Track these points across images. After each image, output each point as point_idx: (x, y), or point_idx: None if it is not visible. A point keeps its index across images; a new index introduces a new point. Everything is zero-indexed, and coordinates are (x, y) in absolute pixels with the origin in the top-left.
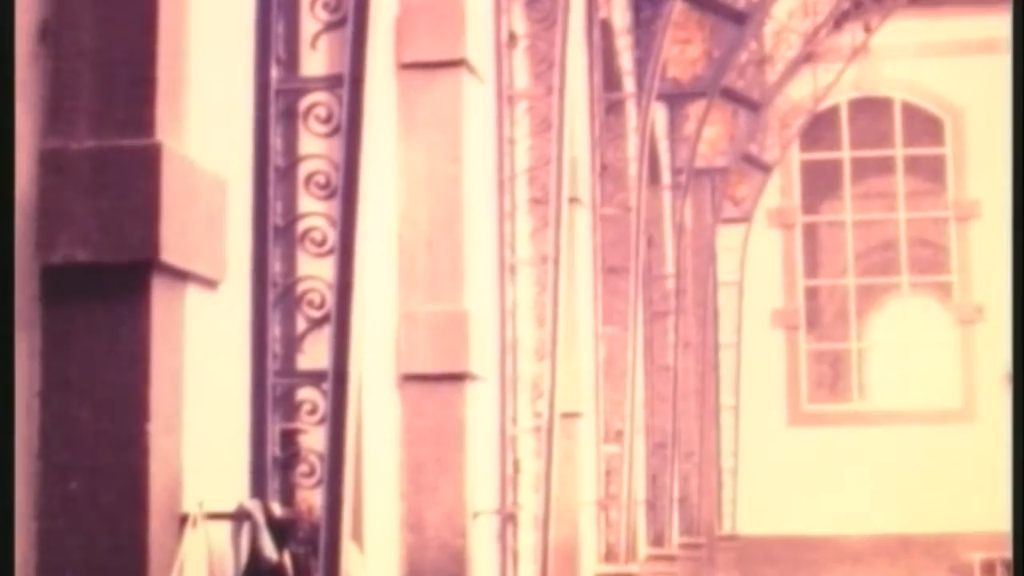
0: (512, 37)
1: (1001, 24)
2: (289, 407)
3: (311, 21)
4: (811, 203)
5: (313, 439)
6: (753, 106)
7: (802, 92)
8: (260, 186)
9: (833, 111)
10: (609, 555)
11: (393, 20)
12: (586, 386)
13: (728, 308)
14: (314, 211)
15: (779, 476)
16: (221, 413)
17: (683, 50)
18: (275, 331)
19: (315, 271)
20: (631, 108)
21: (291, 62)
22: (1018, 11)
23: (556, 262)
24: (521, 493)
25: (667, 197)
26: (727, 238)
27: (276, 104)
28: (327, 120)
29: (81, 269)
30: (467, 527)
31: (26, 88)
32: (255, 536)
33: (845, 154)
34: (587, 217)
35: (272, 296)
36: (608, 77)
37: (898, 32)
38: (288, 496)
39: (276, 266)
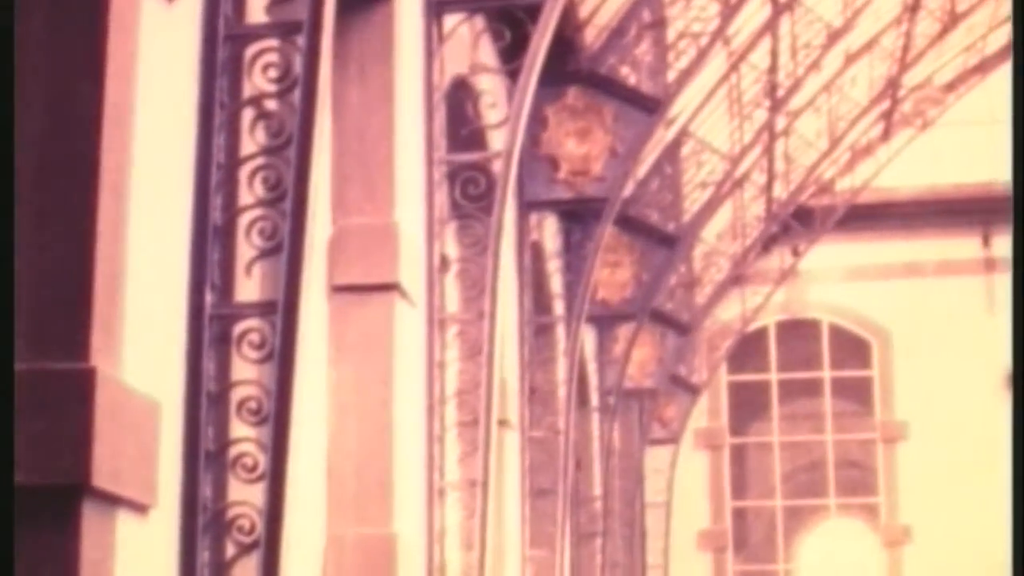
0: (444, 261)
1: (926, 248)
2: None
3: (246, 247)
4: (739, 424)
5: None
6: (682, 328)
7: (731, 314)
8: (192, 411)
9: (761, 333)
10: None
11: (326, 243)
12: None
13: (656, 529)
14: (245, 437)
15: None
16: None
17: (613, 273)
18: (204, 557)
19: (245, 496)
20: (560, 331)
21: (226, 288)
22: (1018, 11)
23: (485, 486)
24: None
25: (596, 419)
26: (655, 459)
27: (210, 329)
28: (260, 346)
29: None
30: None
31: None
32: None
33: (773, 376)
34: (516, 440)
35: (202, 521)
36: (538, 300)
37: (826, 256)
38: None
39: (207, 491)
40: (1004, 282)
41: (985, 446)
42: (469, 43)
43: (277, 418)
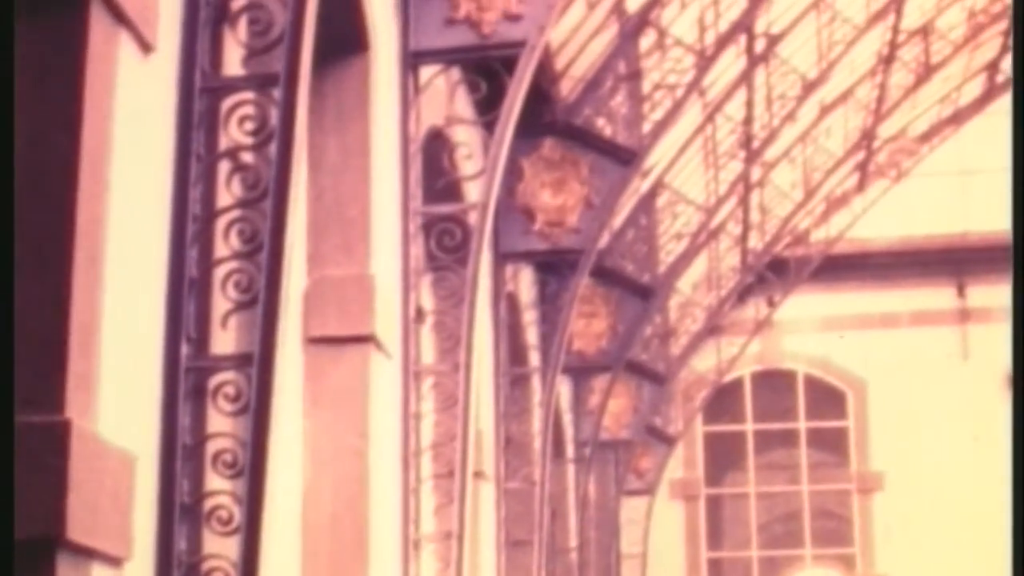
0: (420, 313)
1: (900, 299)
2: None
3: (222, 300)
4: (714, 475)
5: None
6: (657, 379)
7: (706, 365)
8: (167, 464)
9: (737, 384)
10: None
11: (301, 294)
12: None
13: None
14: (221, 489)
15: None
16: None
17: (588, 324)
18: None
19: (220, 550)
20: (536, 382)
21: (201, 340)
22: (1018, 11)
23: (460, 538)
24: None
25: (571, 470)
26: (630, 510)
27: (185, 382)
28: (236, 399)
29: None
30: None
31: None
32: None
33: (748, 426)
34: (491, 491)
35: (177, 575)
36: (514, 351)
37: (801, 306)
38: None
39: (181, 544)
40: (979, 332)
41: (961, 496)
42: (445, 95)
43: (252, 471)
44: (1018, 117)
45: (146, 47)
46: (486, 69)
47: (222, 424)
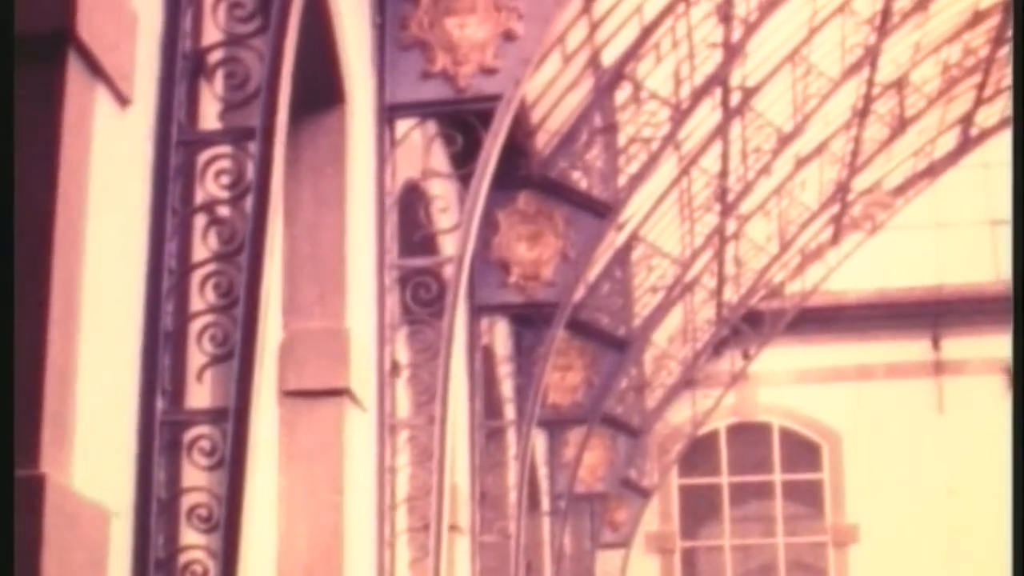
0: (395, 367)
1: (875, 351)
2: None
3: (198, 354)
4: (690, 528)
5: None
6: (633, 432)
7: (681, 417)
8: (142, 518)
9: (712, 436)
10: None
11: (277, 347)
12: None
13: None
14: (196, 544)
15: None
16: None
17: (564, 376)
18: None
19: None
20: (511, 435)
21: (177, 394)
22: (1018, 11)
23: None
24: None
25: (546, 523)
26: (606, 563)
27: (161, 436)
28: (211, 453)
29: None
30: None
31: None
32: None
33: (724, 479)
34: (467, 545)
35: None
36: (489, 404)
37: (776, 359)
38: None
39: None
40: (954, 384)
41: (936, 548)
42: (421, 148)
43: (227, 525)
44: (1018, 119)
45: (123, 100)
46: (462, 122)
47: (197, 478)
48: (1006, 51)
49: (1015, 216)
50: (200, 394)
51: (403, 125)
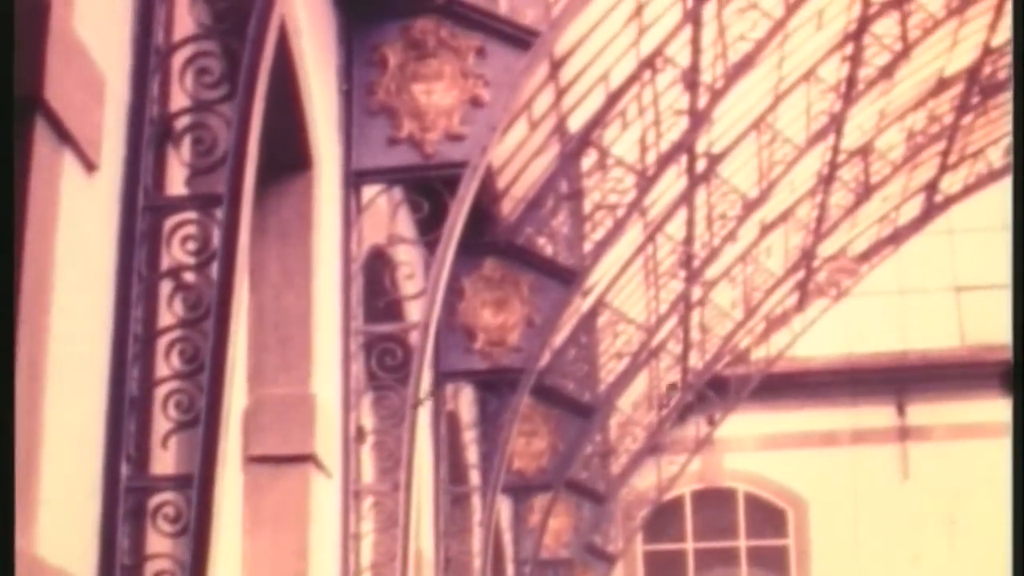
0: (360, 432)
1: (841, 417)
2: None
3: (163, 420)
4: None
5: None
6: (598, 498)
7: (646, 483)
8: None
9: (677, 502)
10: None
11: (242, 413)
12: None
13: None
14: None
15: None
16: None
17: (529, 442)
18: None
19: None
20: (476, 501)
21: (141, 460)
22: (1018, 11)
23: None
24: None
25: None
26: None
27: (125, 502)
28: (176, 520)
29: None
30: None
31: None
32: None
33: (689, 545)
34: None
35: None
36: (454, 470)
37: (741, 425)
38: None
39: None
40: (919, 451)
41: None
42: (387, 214)
43: None
44: (1018, 120)
45: (90, 166)
46: (428, 188)
47: (161, 545)
48: (970, 119)
49: (1015, 218)
50: (165, 460)
51: (369, 191)
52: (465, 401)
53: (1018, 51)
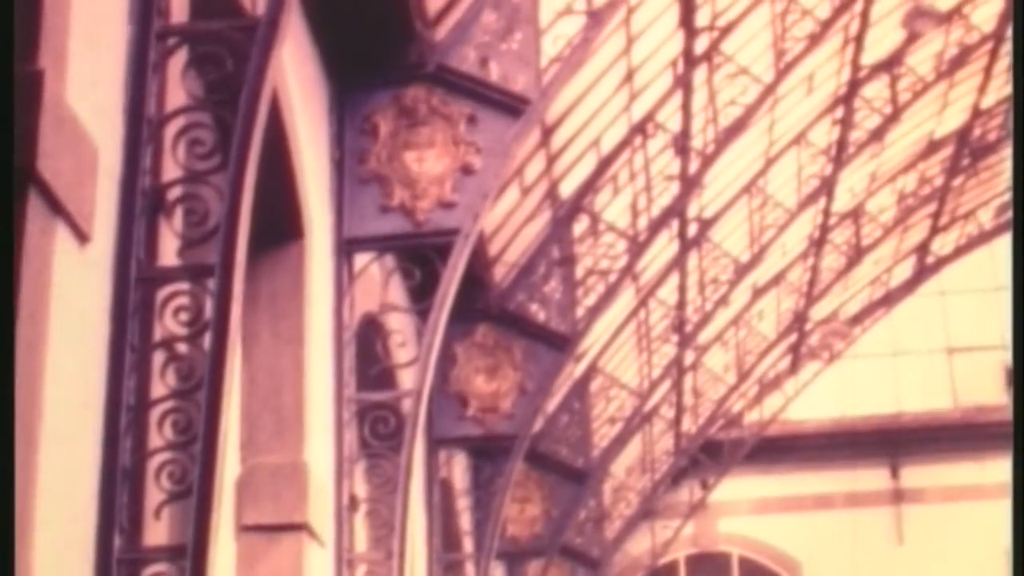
0: (353, 501)
1: (834, 480)
2: None
3: (156, 491)
4: None
5: None
6: (592, 563)
7: (640, 548)
8: None
9: (671, 567)
10: None
11: (235, 482)
12: None
13: None
14: None
15: None
16: None
17: (522, 509)
18: None
19: None
20: (470, 568)
21: (134, 532)
22: (1018, 10)
23: None
24: None
25: None
26: None
27: (118, 574)
28: None
29: None
30: None
31: None
32: None
33: None
34: None
35: None
36: (448, 537)
37: (735, 489)
38: None
39: None
40: (913, 513)
41: None
42: (379, 282)
43: None
44: (1018, 123)
45: (82, 237)
46: (420, 256)
47: None
48: (960, 180)
49: (1015, 220)
50: (158, 531)
51: (361, 259)
52: (458, 468)
53: (1019, 51)
